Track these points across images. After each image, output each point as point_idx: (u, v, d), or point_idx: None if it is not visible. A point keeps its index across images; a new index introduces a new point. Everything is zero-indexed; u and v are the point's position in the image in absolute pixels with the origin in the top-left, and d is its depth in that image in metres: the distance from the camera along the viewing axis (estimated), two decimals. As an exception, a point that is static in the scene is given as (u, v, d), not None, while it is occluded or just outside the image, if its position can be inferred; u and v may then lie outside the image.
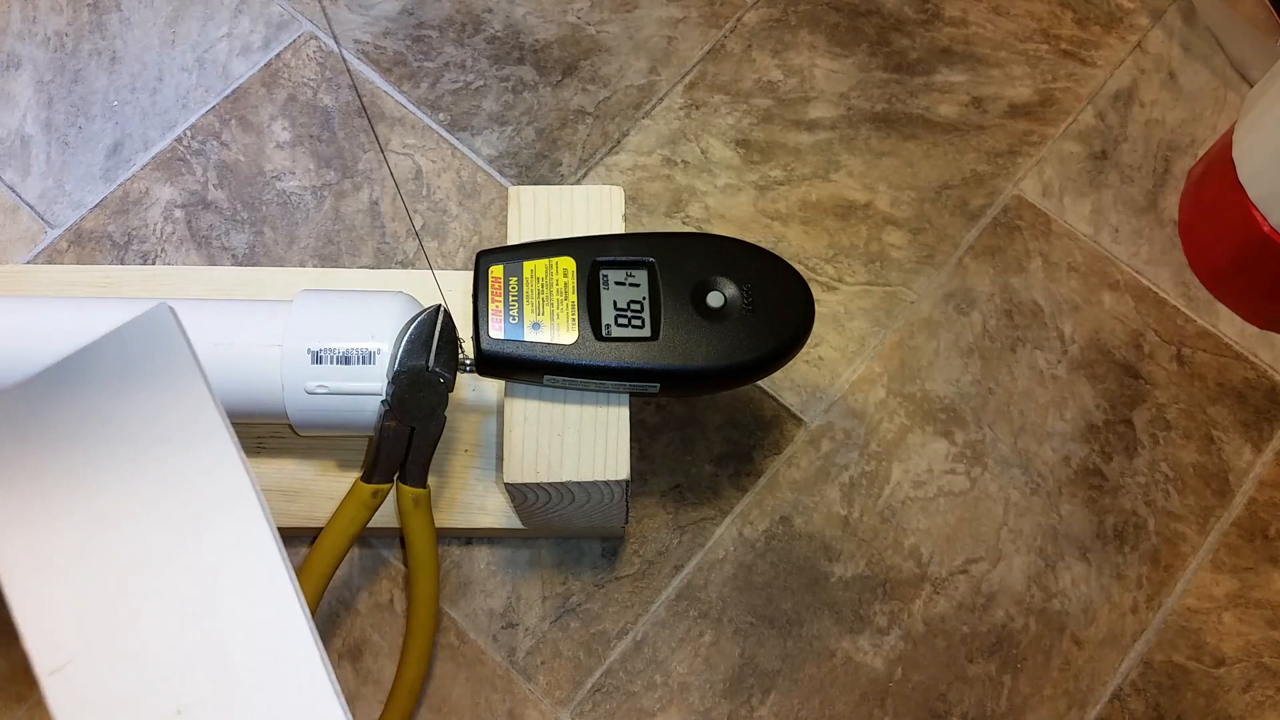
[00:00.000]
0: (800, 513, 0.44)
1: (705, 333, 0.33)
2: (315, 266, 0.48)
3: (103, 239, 0.49)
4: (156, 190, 0.50)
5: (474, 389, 0.42)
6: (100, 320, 0.36)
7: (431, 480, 0.41)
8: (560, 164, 0.51)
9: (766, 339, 0.34)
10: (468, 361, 0.37)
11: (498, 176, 0.50)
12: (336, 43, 0.53)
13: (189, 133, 0.51)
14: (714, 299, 0.34)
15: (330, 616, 0.42)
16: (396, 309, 0.35)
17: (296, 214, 0.49)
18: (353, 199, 0.50)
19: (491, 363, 0.33)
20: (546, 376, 0.34)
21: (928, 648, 0.43)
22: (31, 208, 0.50)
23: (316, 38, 0.53)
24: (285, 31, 0.53)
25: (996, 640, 0.43)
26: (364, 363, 0.34)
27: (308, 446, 0.41)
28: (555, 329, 0.33)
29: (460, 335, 0.40)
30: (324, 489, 0.41)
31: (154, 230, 0.49)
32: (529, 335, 0.33)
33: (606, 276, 0.34)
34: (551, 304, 0.34)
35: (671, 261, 0.34)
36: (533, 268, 0.34)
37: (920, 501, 0.45)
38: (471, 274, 0.34)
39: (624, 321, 0.34)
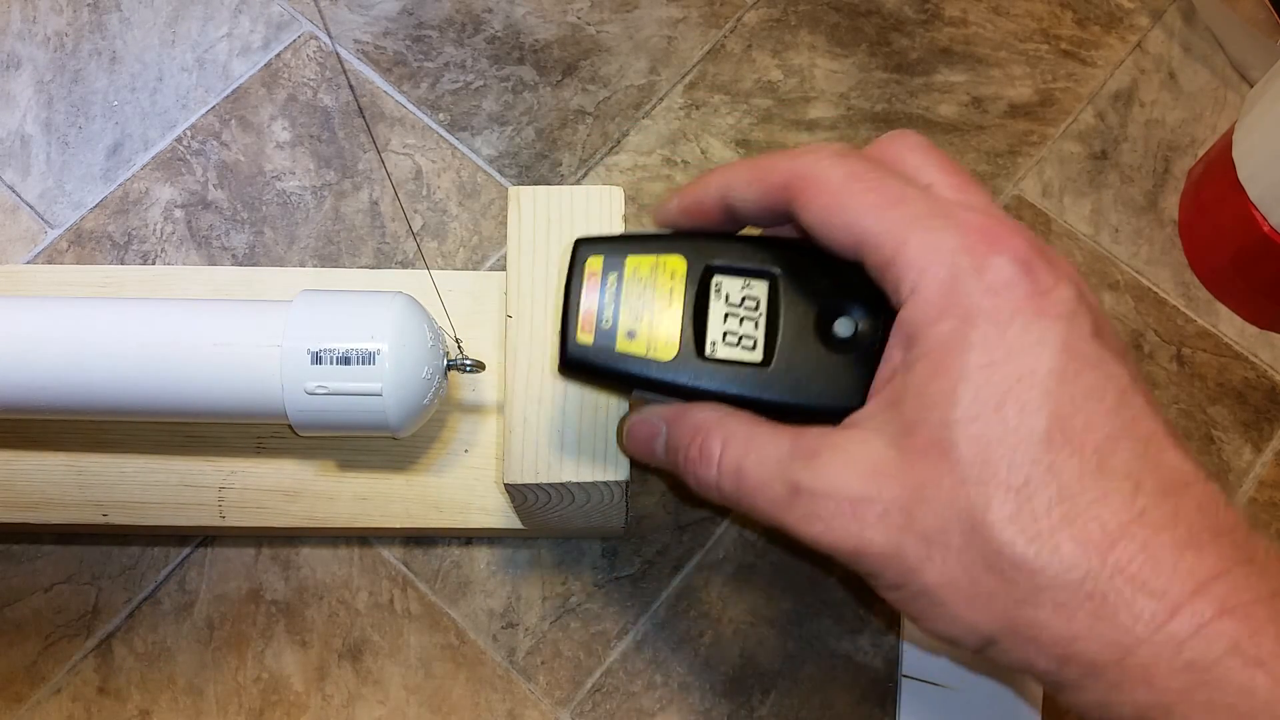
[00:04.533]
0: (800, 513, 0.44)
1: (827, 365, 0.28)
2: (315, 266, 0.48)
3: (103, 239, 0.49)
4: (156, 190, 0.50)
5: (474, 389, 0.42)
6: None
7: (431, 480, 0.41)
8: (560, 164, 0.51)
9: None
10: (467, 362, 0.37)
11: (498, 176, 0.50)
12: (333, 41, 0.53)
13: (189, 133, 0.51)
14: (842, 326, 0.28)
15: (330, 616, 0.42)
16: (396, 309, 0.35)
17: (296, 214, 0.49)
18: (353, 199, 0.50)
19: (576, 369, 0.30)
20: (636, 391, 0.30)
21: (928, 648, 0.43)
22: (31, 208, 0.50)
23: (316, 38, 0.53)
24: (285, 31, 0.53)
25: (996, 640, 0.43)
26: (364, 363, 0.34)
27: (308, 446, 0.41)
28: (653, 340, 0.29)
29: (459, 336, 0.40)
30: (324, 489, 0.41)
31: (154, 230, 0.49)
32: (621, 344, 0.29)
33: (720, 285, 0.29)
34: (652, 310, 0.29)
35: (799, 276, 0.29)
36: (637, 264, 0.29)
37: (920, 501, 0.45)
38: (476, 272, 0.32)
39: (733, 340, 0.29)
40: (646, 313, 0.29)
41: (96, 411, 0.36)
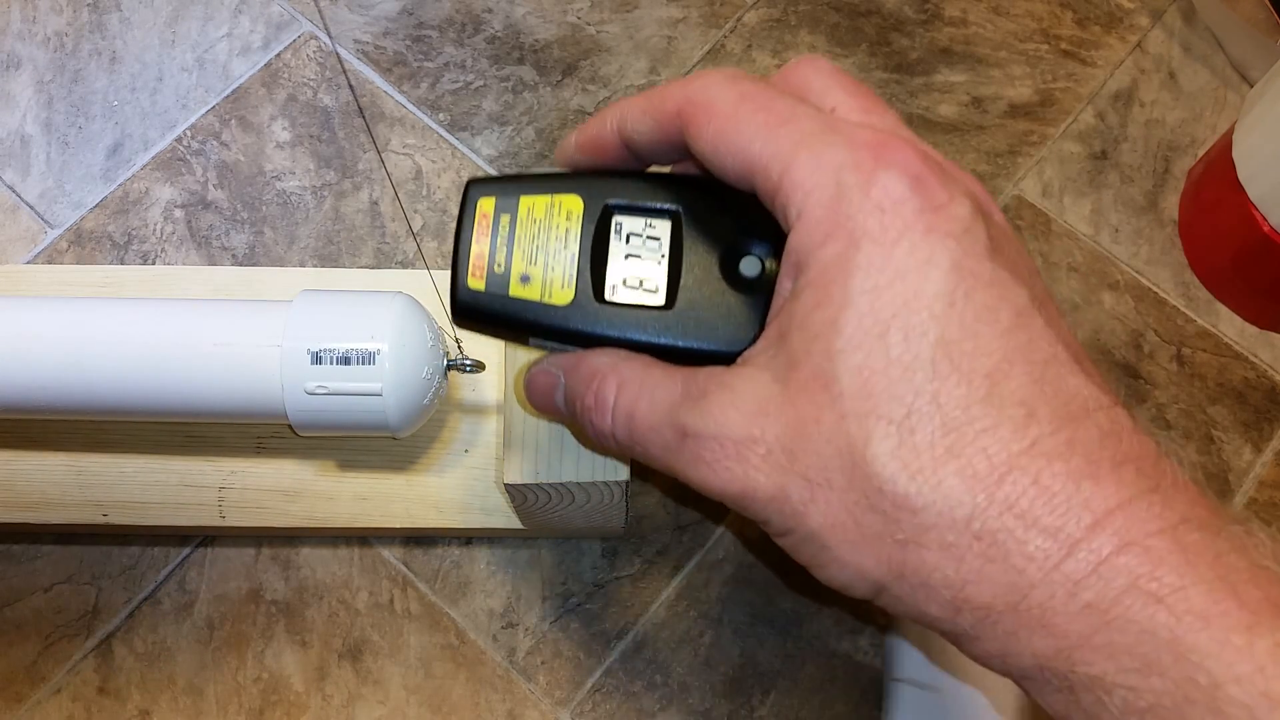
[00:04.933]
0: (800, 513, 0.44)
1: (731, 306, 0.26)
2: (315, 266, 0.48)
3: (103, 239, 0.49)
4: (156, 190, 0.50)
5: (474, 389, 0.42)
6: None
7: (431, 480, 0.41)
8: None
9: None
10: (467, 362, 0.37)
11: (498, 176, 0.50)
12: (333, 41, 0.53)
13: (189, 133, 0.51)
14: (748, 266, 0.27)
15: (330, 616, 0.42)
16: (396, 309, 0.35)
17: (296, 214, 0.49)
18: (353, 199, 0.50)
19: (468, 315, 0.28)
20: (533, 339, 0.28)
21: (928, 648, 0.43)
22: (31, 208, 0.50)
23: (316, 38, 0.53)
24: (285, 31, 0.53)
25: (996, 640, 0.43)
26: (364, 363, 0.34)
27: (308, 446, 0.41)
28: (548, 284, 0.27)
29: (459, 336, 0.40)
30: (324, 489, 0.41)
31: (154, 230, 0.49)
32: (515, 289, 0.27)
33: (620, 225, 0.27)
34: (547, 252, 0.27)
35: (703, 213, 0.27)
36: (531, 204, 0.28)
37: (920, 501, 0.45)
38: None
39: (634, 283, 0.27)
40: (541, 256, 0.27)
41: (97, 411, 0.36)
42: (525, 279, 0.27)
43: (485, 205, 0.28)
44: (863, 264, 0.21)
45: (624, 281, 0.27)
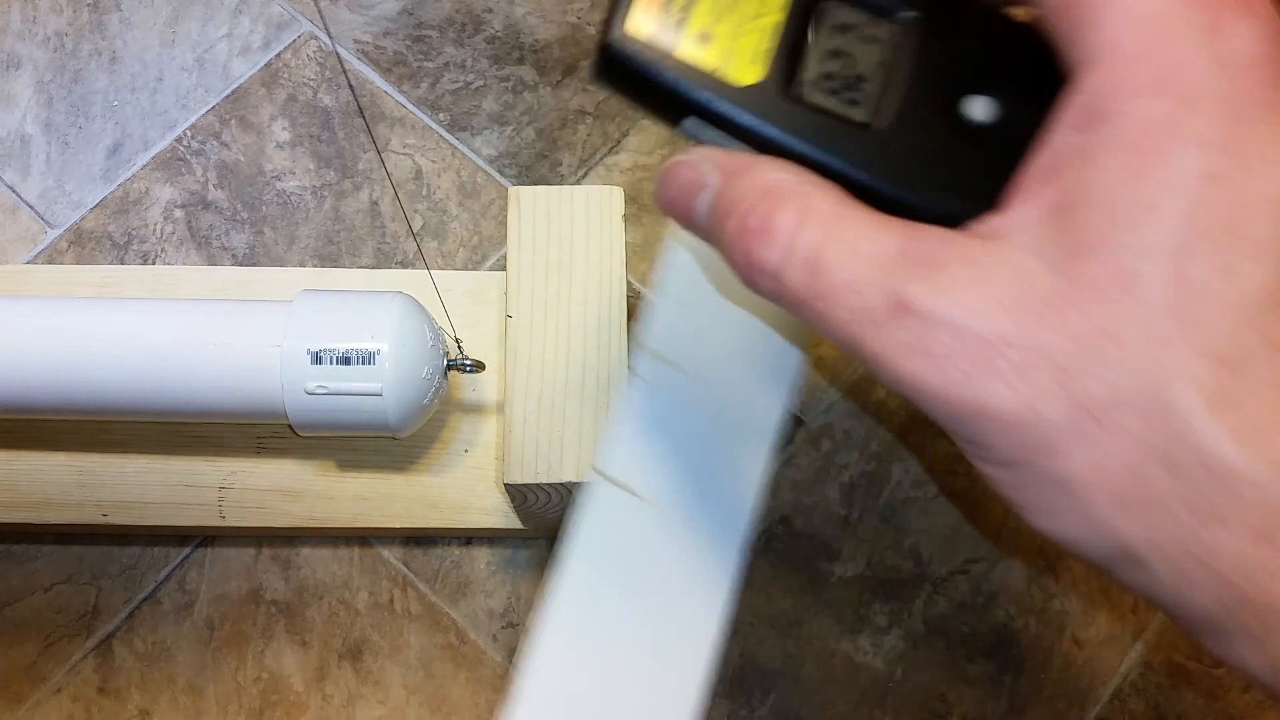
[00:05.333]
0: (800, 513, 0.44)
1: (949, 148, 0.21)
2: (315, 266, 0.48)
3: (103, 239, 0.49)
4: (156, 190, 0.50)
5: (474, 389, 0.42)
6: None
7: (431, 480, 0.41)
8: (560, 164, 0.51)
9: None
10: (467, 362, 0.37)
11: (498, 176, 0.50)
12: (333, 41, 0.53)
13: (189, 133, 0.51)
14: (979, 108, 0.21)
15: (330, 616, 0.42)
16: (397, 309, 0.35)
17: (296, 214, 0.49)
18: (353, 199, 0.50)
19: (617, 70, 0.22)
20: (688, 120, 0.22)
21: (928, 648, 0.43)
22: (31, 208, 0.50)
23: (316, 38, 0.53)
24: (285, 31, 0.53)
25: (996, 640, 0.43)
26: (364, 363, 0.34)
27: (308, 446, 0.41)
28: (731, 55, 0.21)
29: (459, 336, 0.40)
30: (324, 489, 0.41)
31: (154, 230, 0.49)
32: (687, 49, 0.21)
33: (829, 10, 0.21)
34: (739, 12, 0.21)
35: (940, 26, 0.21)
36: None
37: (920, 501, 0.45)
38: (476, 272, 0.26)
39: (833, 86, 0.21)
40: (732, 14, 0.21)
41: (97, 411, 0.36)
42: (704, 38, 0.21)
43: None
44: (1202, 136, 0.16)
45: (823, 80, 0.21)
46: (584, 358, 0.36)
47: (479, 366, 0.37)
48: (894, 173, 0.21)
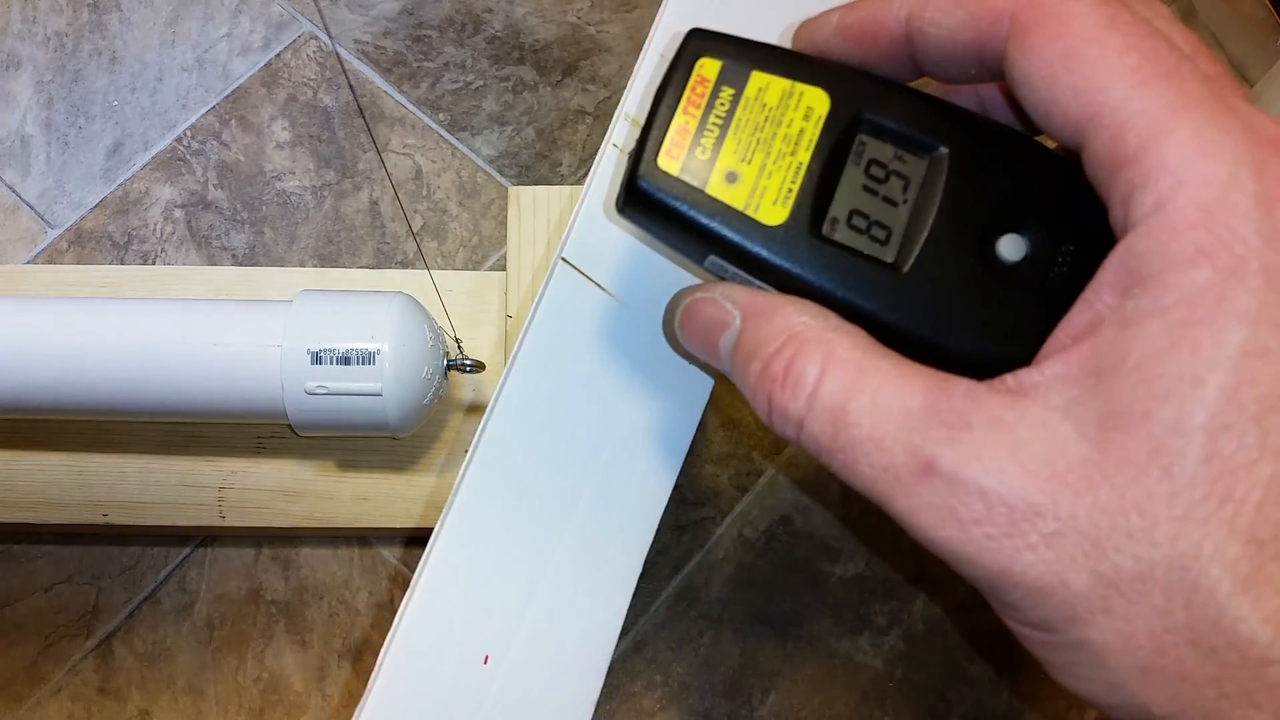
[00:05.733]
0: (800, 513, 0.44)
1: (981, 290, 0.20)
2: (315, 266, 0.48)
3: (103, 239, 0.49)
4: (156, 190, 0.50)
5: (474, 389, 0.42)
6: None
7: (431, 480, 0.41)
8: (560, 164, 0.51)
9: None
10: (467, 362, 0.37)
11: (498, 176, 0.50)
12: (333, 41, 0.53)
13: (189, 133, 0.51)
14: (1009, 246, 0.20)
15: (330, 616, 0.42)
16: (396, 309, 0.35)
17: (296, 214, 0.49)
18: (353, 199, 0.50)
19: (645, 205, 0.22)
20: (712, 257, 0.22)
21: (928, 648, 0.43)
22: (31, 208, 0.50)
23: (316, 38, 0.53)
24: (285, 31, 0.53)
25: (996, 640, 0.43)
26: (364, 363, 0.34)
27: (308, 446, 0.41)
28: (759, 193, 0.21)
29: (459, 336, 0.40)
30: (324, 489, 0.41)
31: (154, 230, 0.49)
32: (716, 187, 0.21)
33: (864, 146, 0.21)
34: (768, 152, 0.21)
35: (974, 162, 0.21)
36: (763, 85, 0.21)
37: (920, 501, 0.45)
38: (476, 272, 0.26)
39: (862, 224, 0.21)
40: (760, 154, 0.21)
41: (97, 411, 0.36)
42: (732, 178, 0.21)
43: (707, 68, 0.21)
44: (1250, 311, 0.16)
45: (850, 218, 0.21)
46: (584, 358, 0.36)
47: (479, 366, 0.37)
48: (922, 315, 0.20)
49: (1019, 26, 0.19)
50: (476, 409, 0.42)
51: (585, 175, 0.51)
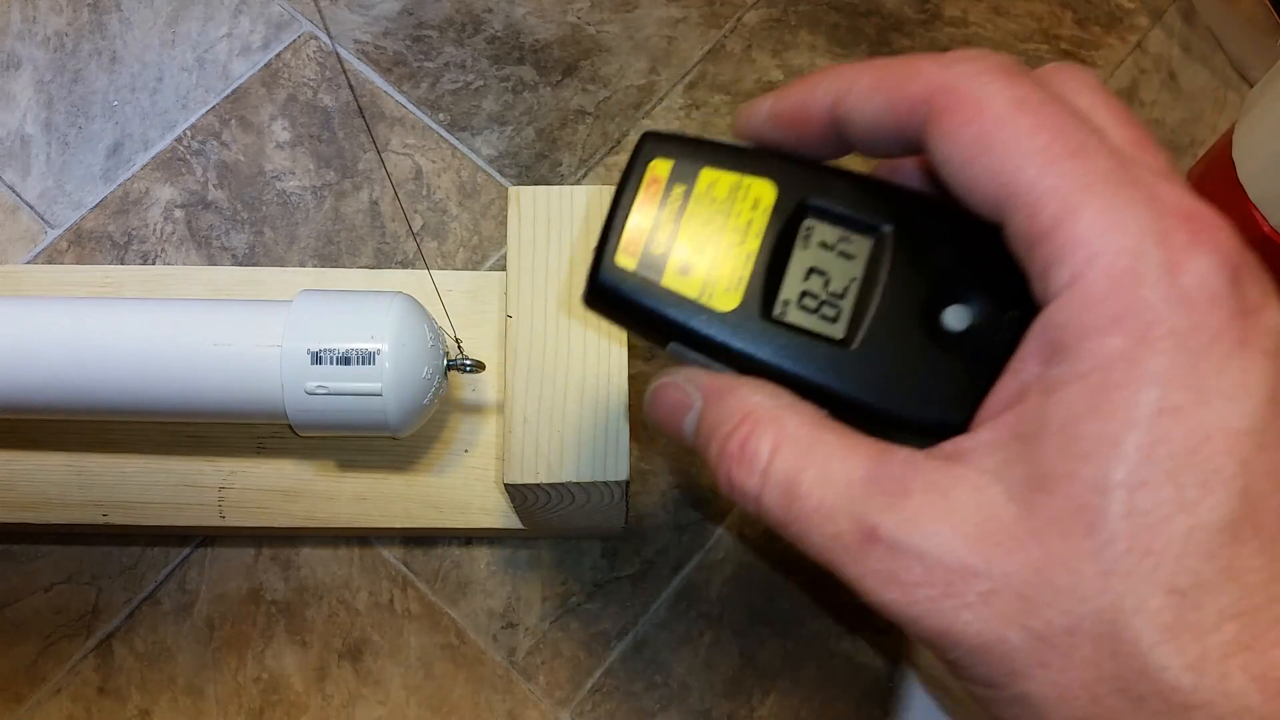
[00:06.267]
0: (800, 513, 0.44)
1: (926, 361, 0.21)
2: (315, 266, 0.48)
3: (103, 239, 0.49)
4: (156, 190, 0.50)
5: (474, 389, 0.42)
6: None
7: (431, 480, 0.41)
8: (560, 164, 0.51)
9: None
10: (467, 362, 0.37)
11: (498, 176, 0.50)
12: (333, 41, 0.53)
13: (189, 133, 0.51)
14: (955, 317, 0.21)
15: (330, 616, 0.42)
16: (396, 309, 0.35)
17: (296, 214, 0.49)
18: (353, 199, 0.50)
19: (606, 299, 0.23)
20: (673, 343, 0.23)
21: (928, 648, 0.43)
22: (31, 208, 0.50)
23: (316, 38, 0.53)
24: (285, 31, 0.53)
25: (996, 640, 0.43)
26: (364, 363, 0.34)
27: (308, 446, 0.41)
28: (712, 283, 0.22)
29: (459, 336, 0.40)
30: (324, 489, 0.41)
31: (154, 230, 0.49)
32: (670, 279, 0.22)
33: (811, 230, 0.22)
34: (720, 242, 0.22)
35: (916, 239, 0.22)
36: (713, 180, 0.23)
37: (920, 501, 0.45)
38: (476, 272, 0.27)
39: (812, 304, 0.22)
40: (712, 246, 0.22)
41: (97, 411, 0.36)
42: (685, 269, 0.22)
43: (659, 168, 0.23)
44: (1160, 373, 0.17)
45: (800, 299, 0.22)
46: (584, 358, 0.36)
47: (479, 366, 0.37)
48: (871, 387, 0.21)
49: (934, 112, 0.20)
50: (476, 409, 0.42)
51: (585, 175, 0.51)
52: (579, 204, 0.38)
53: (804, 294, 0.22)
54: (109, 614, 0.43)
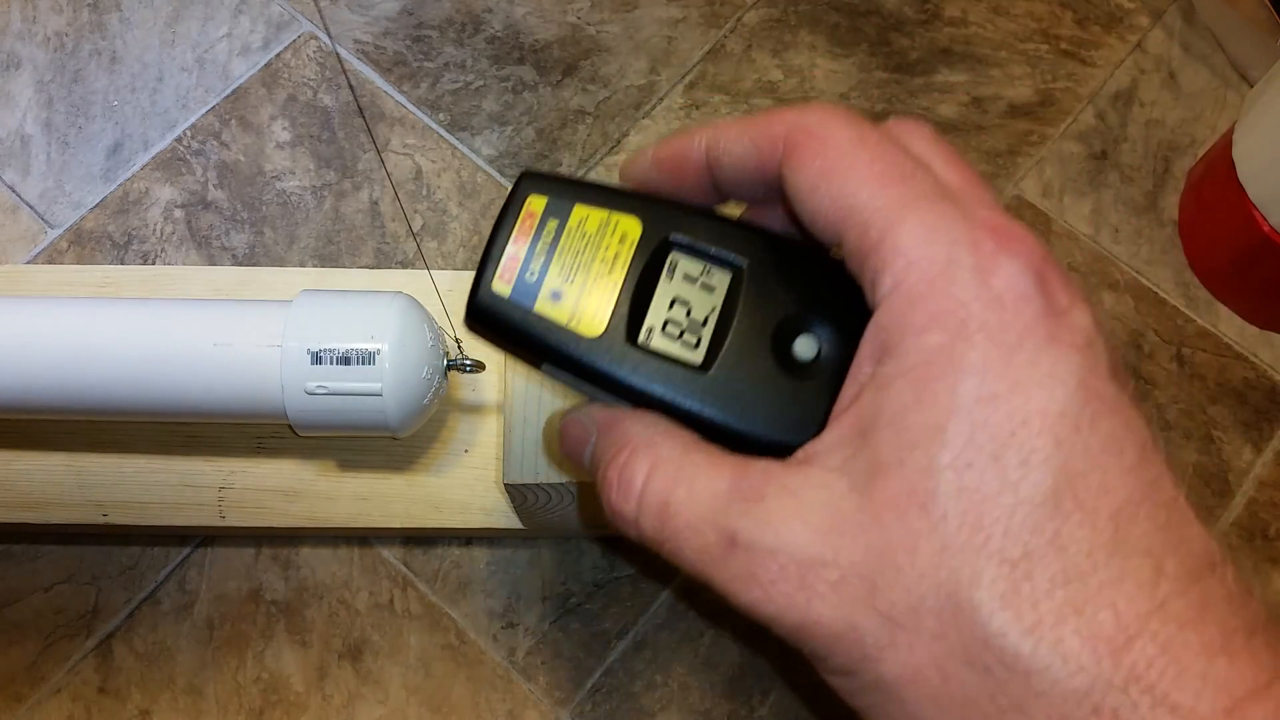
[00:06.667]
0: (800, 513, 0.44)
1: (777, 386, 0.23)
2: (315, 266, 0.48)
3: (103, 239, 0.49)
4: (156, 190, 0.50)
5: (474, 389, 0.42)
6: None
7: (431, 480, 0.41)
8: (560, 164, 0.51)
9: None
10: (467, 362, 0.37)
11: (498, 176, 0.50)
12: (333, 41, 0.53)
13: (189, 133, 0.51)
14: (804, 346, 0.23)
15: (330, 616, 0.42)
16: (397, 309, 0.35)
17: (296, 214, 0.49)
18: (353, 199, 0.50)
19: (483, 321, 0.25)
20: (546, 364, 0.25)
21: (928, 648, 0.43)
22: (31, 208, 0.50)
23: (316, 38, 0.53)
24: (285, 31, 0.53)
25: (996, 640, 0.43)
26: (364, 363, 0.34)
27: (308, 446, 0.41)
28: (579, 309, 0.24)
29: (459, 336, 0.40)
30: (324, 489, 0.41)
31: (154, 230, 0.49)
32: (542, 305, 0.24)
33: (675, 264, 0.25)
34: (588, 274, 0.24)
35: (769, 273, 0.24)
36: (584, 216, 0.25)
37: (920, 501, 0.45)
38: (471, 272, 0.27)
39: (674, 332, 0.24)
40: (581, 276, 0.24)
41: (96, 411, 0.36)
42: (556, 296, 0.24)
43: (534, 204, 0.25)
44: (976, 364, 0.18)
45: (663, 327, 0.24)
46: (584, 358, 0.36)
47: (479, 366, 0.37)
48: (727, 409, 0.23)
49: (789, 148, 0.22)
50: (476, 409, 0.42)
51: (585, 175, 0.51)
52: (579, 204, 0.38)
53: (667, 322, 0.24)
54: (109, 614, 0.43)
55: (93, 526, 0.41)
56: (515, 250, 0.25)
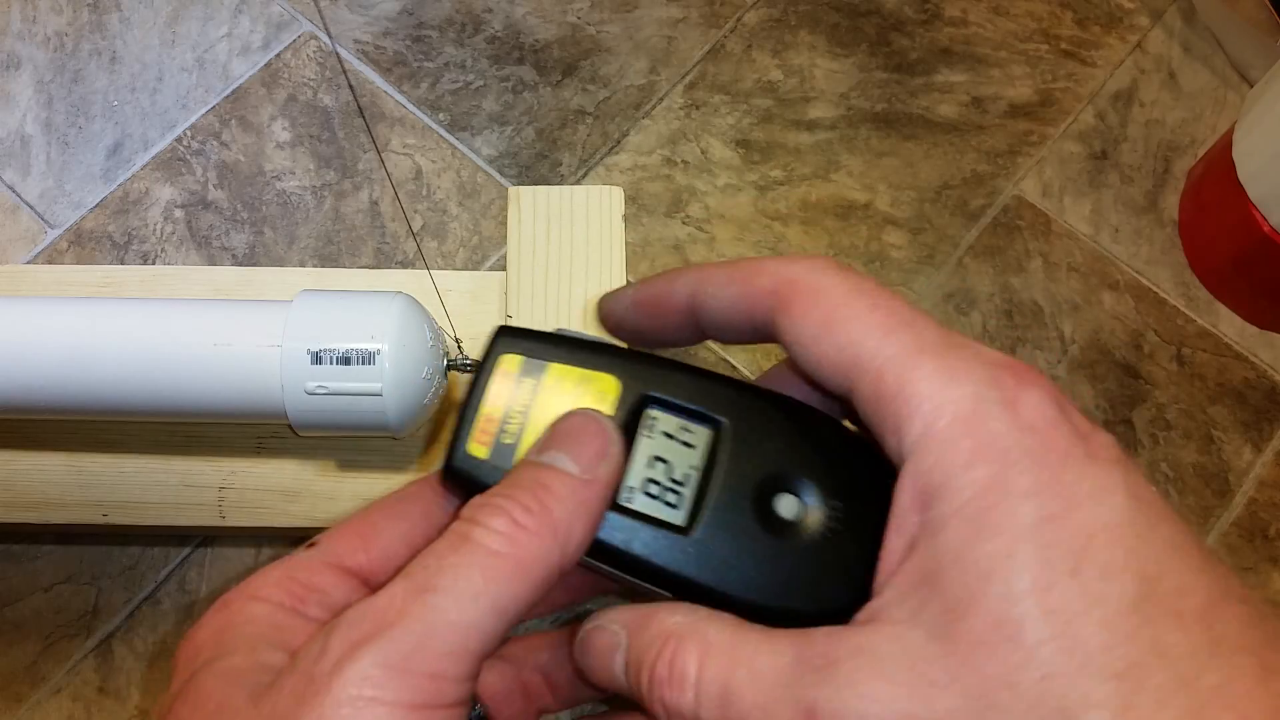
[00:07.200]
0: (800, 513, 0.44)
1: (758, 549, 0.22)
2: (315, 266, 0.48)
3: (103, 239, 0.49)
4: (156, 190, 0.50)
5: (474, 389, 0.42)
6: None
7: (431, 480, 0.41)
8: (560, 164, 0.51)
9: (838, 589, 0.22)
10: (467, 362, 0.37)
11: (498, 176, 0.50)
12: (333, 41, 0.53)
13: (189, 133, 0.51)
14: (786, 506, 0.23)
15: (330, 616, 0.42)
16: (397, 309, 0.35)
17: (296, 214, 0.49)
18: (353, 199, 0.50)
19: (460, 482, 0.25)
20: None
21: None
22: (31, 208, 0.50)
23: (316, 38, 0.53)
24: (285, 31, 0.53)
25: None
26: (364, 363, 0.34)
27: (308, 446, 0.41)
28: None
29: (459, 336, 0.40)
30: (324, 489, 0.41)
31: (154, 230, 0.49)
32: None
33: (655, 422, 0.24)
34: None
35: (748, 431, 0.23)
36: (560, 375, 0.24)
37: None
38: (476, 272, 0.27)
39: (655, 492, 0.23)
40: None
41: (96, 411, 0.36)
42: None
43: (510, 364, 0.25)
44: (1029, 488, 0.18)
45: (645, 486, 0.23)
46: (584, 358, 0.36)
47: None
48: (704, 568, 0.22)
49: (782, 301, 0.22)
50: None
51: (585, 175, 0.51)
52: (579, 204, 0.38)
53: (648, 480, 0.23)
54: (109, 614, 0.43)
55: (93, 526, 0.41)
56: (490, 412, 0.25)
